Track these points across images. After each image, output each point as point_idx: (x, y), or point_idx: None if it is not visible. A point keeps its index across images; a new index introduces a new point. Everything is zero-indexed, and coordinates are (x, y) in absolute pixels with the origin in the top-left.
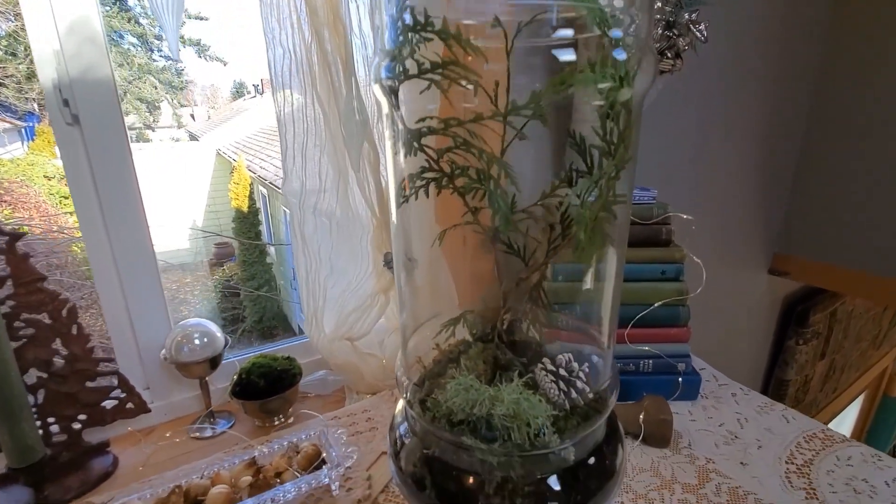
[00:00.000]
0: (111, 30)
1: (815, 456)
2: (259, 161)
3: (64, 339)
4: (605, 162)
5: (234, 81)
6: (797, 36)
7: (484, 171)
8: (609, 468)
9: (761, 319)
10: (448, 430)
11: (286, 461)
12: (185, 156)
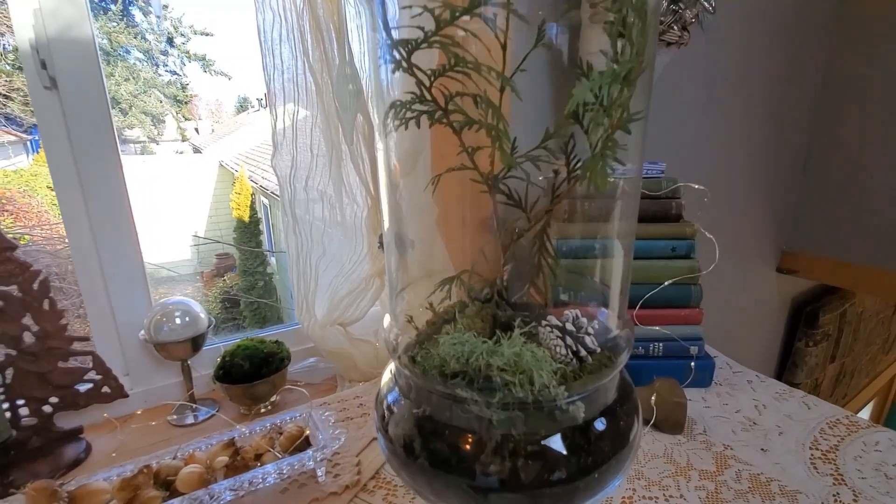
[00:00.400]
0: (118, 45)
1: (841, 442)
2: (261, 172)
3: (35, 314)
4: (618, 68)
5: (238, 96)
6: (806, 26)
7: (482, 98)
8: (623, 431)
9: (770, 320)
10: (441, 382)
11: (267, 442)
12: (187, 168)
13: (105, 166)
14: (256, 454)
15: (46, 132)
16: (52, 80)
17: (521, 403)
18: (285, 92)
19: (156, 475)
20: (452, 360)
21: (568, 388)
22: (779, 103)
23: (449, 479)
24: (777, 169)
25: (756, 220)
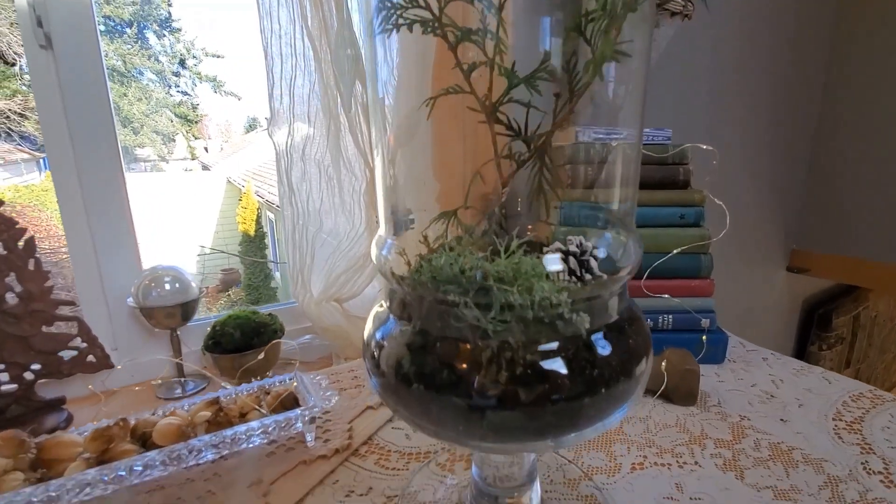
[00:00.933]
0: (132, 66)
1: (866, 413)
2: (267, 187)
3: (19, 274)
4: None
5: (247, 116)
6: (809, 20)
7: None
8: (632, 349)
9: (781, 322)
10: (433, 288)
11: (254, 400)
12: (196, 184)
13: (98, 122)
14: (241, 413)
15: (40, 92)
16: (47, 39)
17: (519, 315)
18: (283, 57)
19: (132, 430)
20: (447, 266)
21: (571, 297)
22: (783, 97)
23: (445, 400)
24: (783, 165)
25: (764, 219)
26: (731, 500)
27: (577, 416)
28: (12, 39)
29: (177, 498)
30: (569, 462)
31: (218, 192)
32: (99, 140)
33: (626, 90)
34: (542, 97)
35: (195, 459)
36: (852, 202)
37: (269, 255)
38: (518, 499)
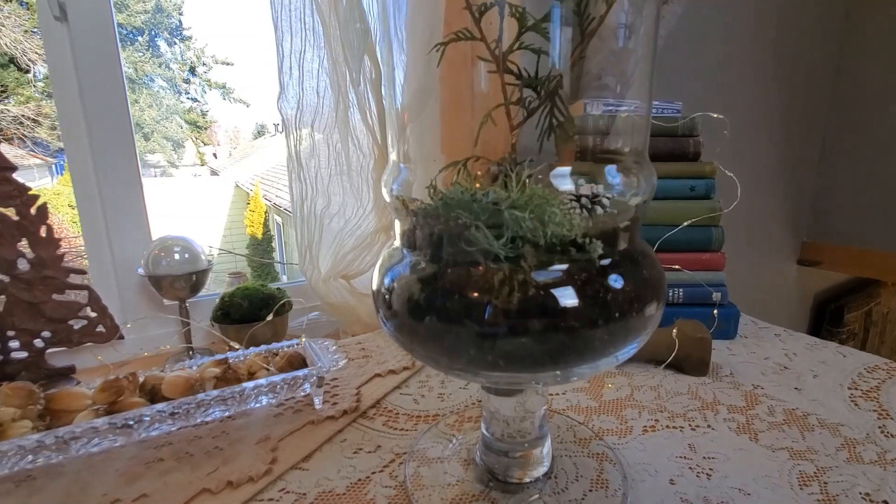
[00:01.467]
0: (143, 74)
1: (882, 383)
2: (275, 191)
3: (31, 240)
4: None
5: (255, 123)
6: (818, 13)
7: None
8: (646, 281)
9: (792, 316)
10: (444, 213)
11: (262, 360)
12: (204, 189)
13: (111, 96)
14: (250, 372)
15: (56, 65)
16: (61, 10)
17: (531, 239)
18: (292, 31)
19: (141, 386)
20: (458, 193)
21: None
22: (794, 90)
23: (457, 329)
24: (794, 157)
25: (774, 211)
26: (745, 460)
27: (586, 344)
28: (27, 46)
29: (185, 452)
30: (580, 424)
31: (226, 196)
32: (111, 110)
33: (633, 38)
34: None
35: (203, 416)
36: (863, 195)
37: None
38: (528, 452)
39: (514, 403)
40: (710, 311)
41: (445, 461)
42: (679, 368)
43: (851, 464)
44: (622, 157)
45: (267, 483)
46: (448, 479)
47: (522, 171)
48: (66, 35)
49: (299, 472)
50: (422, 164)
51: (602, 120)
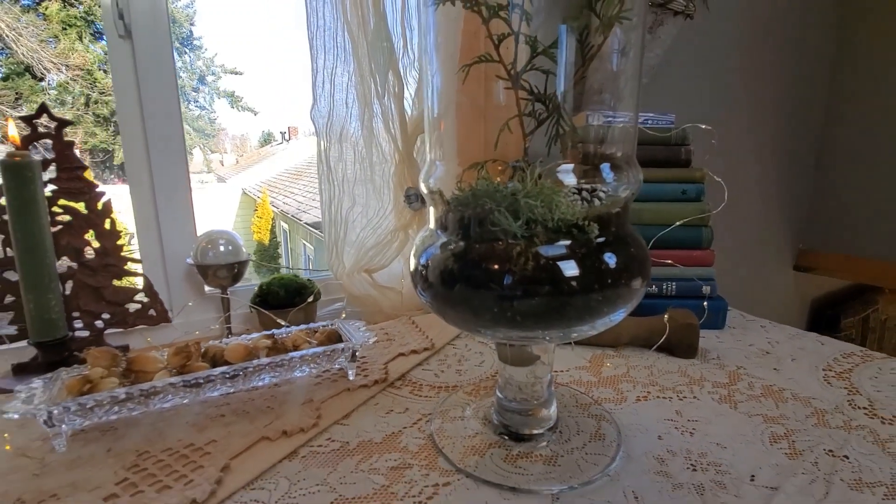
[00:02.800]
0: None
1: (856, 367)
2: (282, 198)
3: (97, 232)
4: None
5: (262, 131)
6: (812, 19)
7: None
8: (634, 257)
9: (789, 322)
10: (472, 202)
11: (305, 335)
12: (211, 196)
13: (166, 105)
14: (294, 345)
15: (118, 78)
16: (126, 30)
17: (541, 222)
18: (325, 49)
19: (204, 354)
20: (483, 185)
21: (583, 212)
22: (789, 98)
23: (482, 294)
24: (789, 166)
25: (770, 219)
26: (724, 423)
27: (585, 306)
28: (42, 55)
29: (242, 410)
30: (581, 393)
31: (233, 203)
32: (165, 118)
33: (626, 57)
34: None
35: (256, 381)
36: (858, 202)
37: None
38: (537, 410)
39: (526, 372)
40: (701, 303)
41: (465, 419)
42: (670, 352)
43: (819, 428)
44: (615, 159)
45: (315, 434)
46: (468, 432)
47: (535, 169)
48: (130, 52)
49: (341, 426)
50: (443, 164)
51: (599, 128)
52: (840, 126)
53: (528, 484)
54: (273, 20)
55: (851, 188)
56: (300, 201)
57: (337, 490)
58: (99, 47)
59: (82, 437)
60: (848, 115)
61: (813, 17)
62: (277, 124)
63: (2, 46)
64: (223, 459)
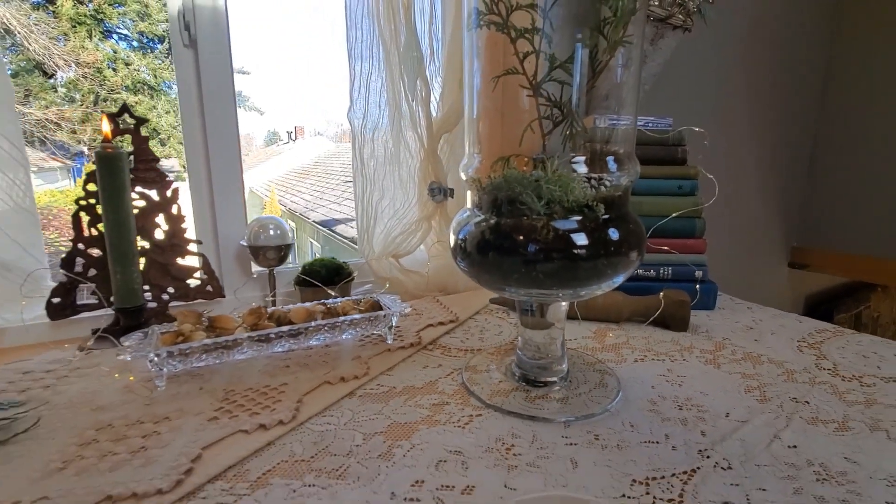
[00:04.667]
0: (162, 80)
1: (827, 339)
2: (290, 196)
3: (166, 215)
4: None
5: (268, 130)
6: (805, 23)
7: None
8: (632, 232)
9: None
10: (504, 187)
11: (352, 304)
12: None
13: (224, 107)
14: (343, 312)
15: (182, 83)
16: (191, 40)
17: (559, 202)
18: (362, 58)
19: (270, 316)
20: (513, 172)
21: (592, 195)
22: (783, 96)
23: (510, 260)
24: (783, 165)
25: (765, 216)
26: (708, 378)
27: (592, 269)
28: (54, 52)
29: (303, 363)
30: (588, 354)
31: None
32: (223, 118)
33: (627, 71)
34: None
35: (313, 340)
36: (851, 200)
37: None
38: (551, 364)
39: (544, 334)
40: (694, 286)
41: (490, 372)
42: (665, 325)
43: (787, 382)
44: (618, 154)
45: (366, 381)
46: (494, 381)
47: (553, 161)
48: (193, 60)
49: (386, 376)
50: (455, 166)
51: (605, 130)
52: (833, 125)
53: (545, 415)
54: (281, 22)
55: (845, 186)
56: (307, 200)
57: (391, 418)
58: (108, 45)
59: (175, 380)
60: (841, 114)
61: (809, 16)
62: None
63: (12, 43)
64: (297, 396)
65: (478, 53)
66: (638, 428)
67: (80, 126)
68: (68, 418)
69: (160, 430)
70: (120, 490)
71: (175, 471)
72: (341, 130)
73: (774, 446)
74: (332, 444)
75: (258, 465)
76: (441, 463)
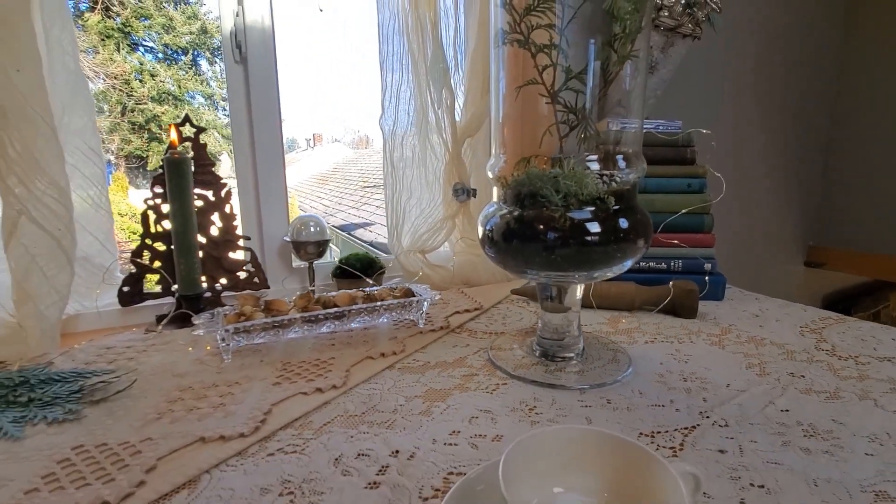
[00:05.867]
0: (185, 90)
1: (829, 326)
2: (309, 202)
3: (220, 214)
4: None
5: (287, 138)
6: (816, 24)
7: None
8: (639, 221)
9: None
10: (526, 182)
11: (388, 291)
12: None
13: (270, 117)
14: (380, 297)
15: (233, 95)
16: (242, 57)
17: (575, 195)
18: (393, 70)
19: (317, 301)
20: (534, 170)
21: (604, 189)
22: (798, 97)
23: (531, 245)
24: (798, 164)
25: (780, 216)
26: (712, 356)
27: (604, 254)
28: (84, 64)
29: (346, 342)
30: (602, 336)
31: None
32: (268, 126)
33: (635, 80)
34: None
35: (355, 322)
36: (867, 198)
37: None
38: (569, 342)
39: (561, 317)
40: (703, 278)
41: (513, 350)
42: (675, 313)
43: (787, 361)
44: (627, 153)
45: (403, 357)
46: (517, 357)
47: (570, 160)
48: (243, 74)
49: (420, 353)
50: (477, 169)
51: (616, 132)
52: (847, 124)
53: (563, 383)
54: (300, 31)
55: (861, 185)
56: (326, 205)
57: (428, 385)
58: (135, 57)
59: (238, 355)
60: (855, 113)
61: (820, 18)
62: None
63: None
64: (344, 367)
65: (503, 66)
66: (646, 395)
67: (108, 136)
68: (154, 382)
69: (233, 392)
70: (210, 433)
71: (252, 420)
72: (358, 137)
73: (768, 410)
74: (379, 404)
75: (319, 419)
76: (473, 419)
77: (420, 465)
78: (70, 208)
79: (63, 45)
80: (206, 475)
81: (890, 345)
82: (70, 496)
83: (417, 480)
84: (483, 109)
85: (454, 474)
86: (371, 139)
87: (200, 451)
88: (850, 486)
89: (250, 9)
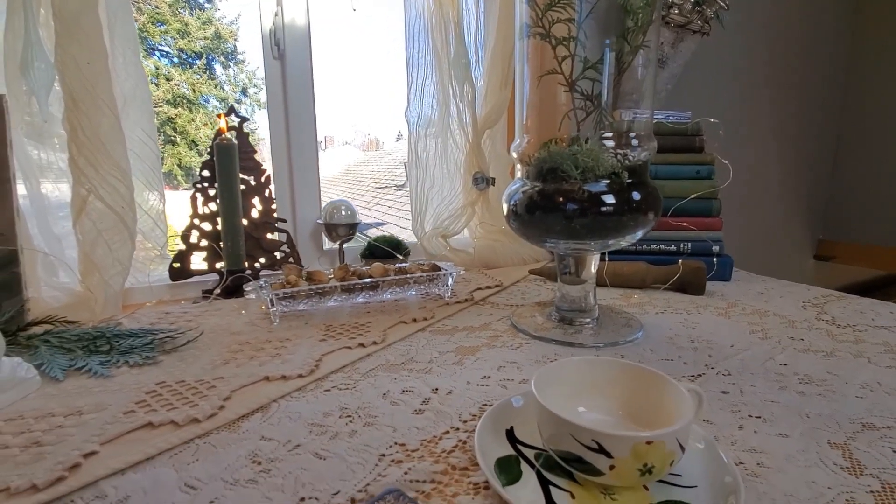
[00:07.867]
0: (200, 94)
1: (830, 301)
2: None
3: (260, 198)
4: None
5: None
6: (826, 20)
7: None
8: (650, 193)
9: None
10: (549, 159)
11: (417, 266)
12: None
13: (306, 112)
14: (410, 271)
15: (271, 89)
16: (280, 53)
17: (592, 170)
18: (419, 65)
19: (353, 273)
20: (557, 149)
21: (618, 165)
22: (806, 92)
23: (552, 216)
24: (808, 158)
25: (791, 210)
26: (718, 325)
27: (618, 224)
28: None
29: (379, 311)
30: (615, 309)
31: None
32: (304, 118)
33: (646, 70)
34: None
35: (387, 294)
36: (877, 192)
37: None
38: (585, 310)
39: (578, 289)
40: (711, 259)
41: (534, 317)
42: (684, 290)
43: (788, 328)
44: (639, 133)
45: (432, 322)
46: (537, 322)
47: (587, 139)
48: (280, 70)
49: (448, 319)
50: (495, 159)
51: (629, 119)
52: (857, 119)
53: (580, 341)
54: (319, 36)
55: (871, 180)
56: None
57: (458, 343)
58: (151, 62)
59: (284, 319)
60: (865, 108)
61: (829, 13)
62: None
63: None
64: (381, 328)
65: (527, 58)
66: (656, 351)
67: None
68: (215, 338)
69: (286, 346)
70: (272, 374)
71: (307, 365)
72: (368, 139)
73: (768, 364)
74: (416, 357)
75: (364, 366)
76: (501, 367)
77: (458, 399)
78: (131, 188)
79: (126, 39)
80: (274, 403)
81: (888, 317)
82: (163, 415)
83: (457, 409)
84: (502, 102)
85: (488, 405)
86: (381, 142)
87: (266, 386)
88: (840, 419)
89: (289, 8)
